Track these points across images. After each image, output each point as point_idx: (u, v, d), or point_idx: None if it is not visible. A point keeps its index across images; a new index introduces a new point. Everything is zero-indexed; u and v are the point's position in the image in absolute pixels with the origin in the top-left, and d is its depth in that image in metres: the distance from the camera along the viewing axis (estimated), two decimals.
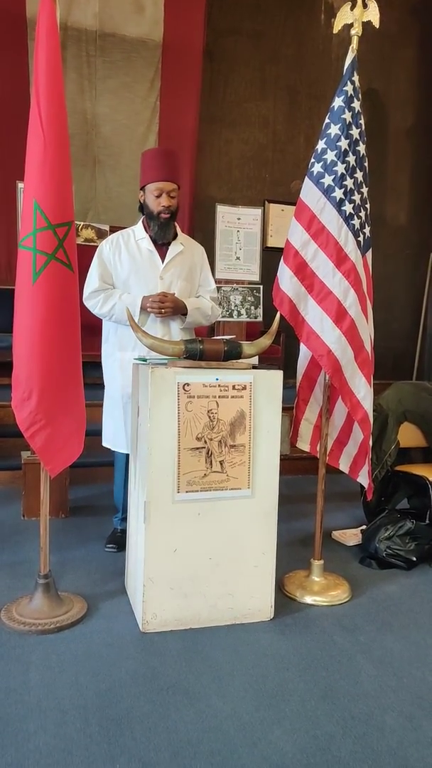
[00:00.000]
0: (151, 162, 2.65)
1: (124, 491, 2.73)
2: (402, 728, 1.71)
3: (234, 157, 5.86)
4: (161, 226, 2.63)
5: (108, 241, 2.70)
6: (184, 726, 1.67)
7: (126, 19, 5.16)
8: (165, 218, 2.62)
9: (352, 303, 2.36)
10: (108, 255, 2.66)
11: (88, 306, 2.64)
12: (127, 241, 2.68)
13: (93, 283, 2.63)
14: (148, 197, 2.63)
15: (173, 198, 2.62)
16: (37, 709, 1.72)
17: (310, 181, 2.40)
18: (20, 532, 3.07)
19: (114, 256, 2.65)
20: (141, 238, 2.68)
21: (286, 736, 1.65)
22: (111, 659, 1.97)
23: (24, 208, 2.10)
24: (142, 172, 2.69)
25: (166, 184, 2.60)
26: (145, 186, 2.65)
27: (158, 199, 2.60)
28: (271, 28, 5.80)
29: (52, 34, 2.06)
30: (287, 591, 2.50)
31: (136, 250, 2.67)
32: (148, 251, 2.67)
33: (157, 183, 2.59)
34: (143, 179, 2.67)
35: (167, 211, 2.61)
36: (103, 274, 2.65)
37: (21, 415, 2.11)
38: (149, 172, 2.63)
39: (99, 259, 2.67)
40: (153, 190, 2.60)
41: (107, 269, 2.66)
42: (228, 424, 2.16)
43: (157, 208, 2.61)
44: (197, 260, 2.81)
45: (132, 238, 2.69)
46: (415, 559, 2.80)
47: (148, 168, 2.65)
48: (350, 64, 2.38)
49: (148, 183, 2.62)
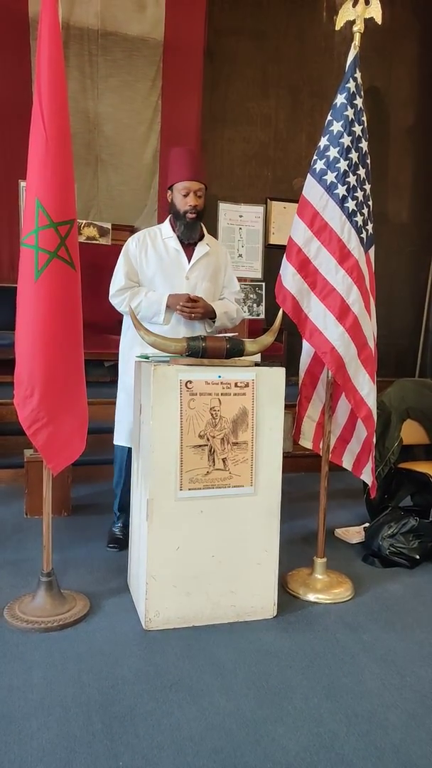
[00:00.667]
0: (179, 161, 2.64)
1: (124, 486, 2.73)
2: (405, 726, 1.70)
3: (236, 155, 5.85)
4: (188, 226, 2.63)
5: (134, 238, 2.69)
6: (187, 723, 1.67)
7: (128, 17, 5.16)
8: (192, 218, 2.61)
9: (355, 300, 2.35)
10: (134, 252, 2.65)
11: (114, 303, 2.64)
12: (154, 239, 2.67)
13: (119, 281, 2.63)
14: (176, 196, 2.63)
15: (200, 198, 2.62)
16: (40, 707, 1.72)
17: (312, 178, 2.39)
18: (23, 530, 3.08)
19: (140, 254, 2.64)
20: (168, 237, 2.67)
21: (290, 733, 1.65)
22: (114, 657, 1.97)
23: (26, 207, 2.10)
24: (170, 171, 2.68)
25: (193, 183, 2.59)
26: (173, 185, 2.64)
27: (186, 198, 2.59)
28: (273, 26, 5.79)
29: (55, 32, 2.06)
30: (290, 589, 2.50)
31: (163, 248, 2.66)
32: (174, 251, 2.66)
33: (185, 182, 2.59)
34: (171, 178, 2.66)
35: (194, 210, 2.60)
36: (129, 272, 2.64)
37: (23, 412, 2.11)
38: (177, 171, 2.63)
39: (125, 257, 2.65)
40: (181, 189, 2.60)
41: (133, 267, 2.65)
42: (230, 421, 2.16)
43: (184, 208, 2.60)
44: (222, 261, 2.81)
45: (159, 237, 2.68)
46: (419, 557, 2.79)
47: (176, 167, 2.64)
48: (352, 61, 2.37)
49: (176, 182, 2.62)
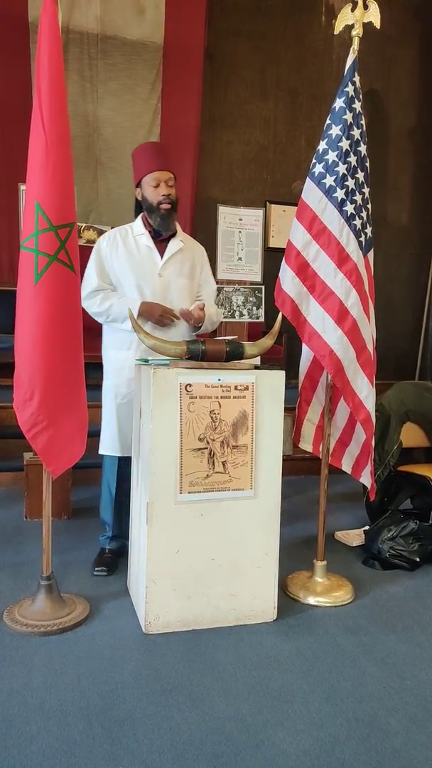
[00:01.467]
0: (144, 155, 2.60)
1: (114, 505, 2.67)
2: (406, 730, 1.70)
3: (235, 158, 5.86)
4: (163, 217, 2.56)
5: (105, 237, 2.63)
6: (187, 727, 1.67)
7: (127, 21, 5.18)
8: (166, 208, 2.55)
9: (354, 303, 2.36)
10: (105, 251, 2.59)
11: (85, 306, 2.55)
12: (125, 237, 2.60)
13: (92, 282, 2.56)
14: (146, 190, 2.57)
15: (171, 187, 2.57)
16: (39, 710, 1.72)
17: (311, 182, 2.40)
18: (22, 534, 3.07)
19: (111, 253, 2.58)
20: (139, 234, 2.61)
21: (290, 737, 1.65)
22: (114, 661, 1.97)
23: (26, 210, 2.11)
24: (135, 168, 2.63)
25: (162, 173, 2.54)
26: (141, 180, 2.58)
27: (157, 189, 2.54)
28: (272, 30, 5.81)
29: (54, 36, 2.06)
30: (290, 592, 2.49)
31: (134, 246, 2.59)
32: (146, 247, 2.60)
33: (153, 173, 2.54)
34: (138, 174, 2.61)
35: (168, 200, 2.54)
36: (101, 272, 2.59)
37: (23, 416, 2.11)
38: (143, 164, 2.58)
39: (96, 257, 2.60)
40: (150, 182, 2.55)
41: (104, 268, 2.59)
42: (230, 424, 2.16)
43: (157, 198, 2.54)
44: (198, 259, 2.75)
45: (130, 234, 2.62)
46: (419, 559, 2.79)
47: (142, 161, 2.59)
48: (351, 65, 2.38)
49: (144, 176, 2.57)
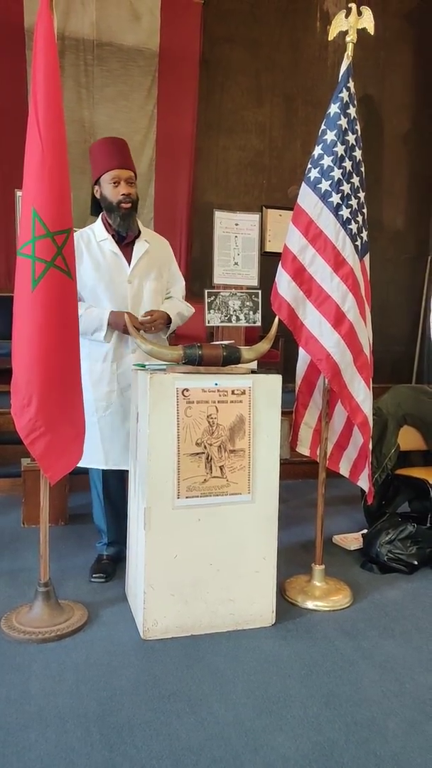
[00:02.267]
0: (102, 151, 2.50)
1: (106, 513, 2.66)
2: (405, 733, 1.70)
3: (231, 163, 5.88)
4: (123, 217, 2.47)
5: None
6: (185, 733, 1.66)
7: (123, 28, 5.20)
8: (126, 208, 2.46)
9: (351, 307, 2.37)
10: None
11: None
12: (88, 244, 2.50)
13: None
14: (105, 188, 2.48)
15: (132, 186, 2.48)
16: (37, 718, 1.71)
17: (307, 187, 2.41)
18: (20, 540, 3.06)
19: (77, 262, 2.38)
20: (103, 239, 2.51)
21: (289, 742, 1.64)
22: (112, 667, 1.97)
23: (22, 216, 2.11)
24: (93, 164, 2.54)
25: (122, 171, 2.45)
26: (99, 178, 2.49)
27: (117, 188, 2.45)
28: (267, 36, 5.84)
29: (50, 43, 2.07)
30: (288, 596, 2.49)
31: (99, 254, 2.50)
32: (112, 254, 2.51)
33: (112, 171, 2.45)
34: (96, 171, 2.50)
35: (128, 199, 2.46)
36: None
37: (21, 422, 2.11)
38: (102, 161, 2.48)
39: None
40: (109, 180, 2.45)
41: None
42: (227, 429, 2.16)
43: (116, 198, 2.45)
44: (165, 256, 2.67)
45: (93, 240, 2.51)
46: (417, 563, 2.79)
47: (100, 158, 2.50)
48: (345, 70, 2.39)
49: (102, 173, 2.47)
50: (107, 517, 2.67)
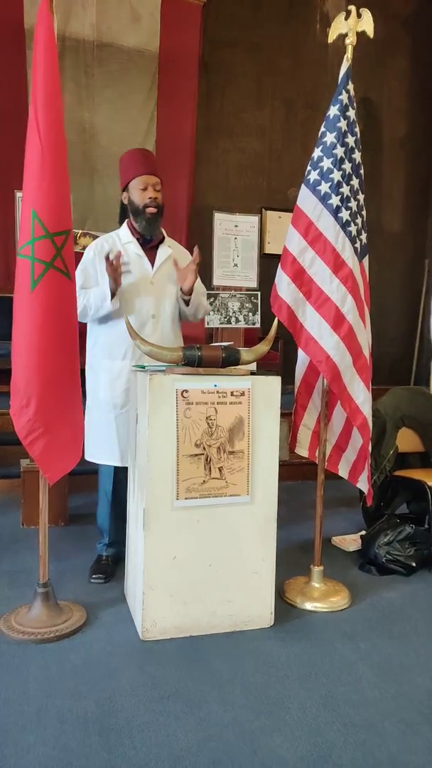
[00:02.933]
0: (132, 159, 2.62)
1: (111, 513, 2.66)
2: (403, 735, 1.70)
3: (231, 165, 5.89)
4: (149, 221, 2.56)
5: (92, 247, 2.60)
6: (184, 734, 1.66)
7: (123, 29, 5.20)
8: (152, 212, 2.56)
9: (350, 309, 2.37)
10: (93, 260, 2.56)
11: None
12: (113, 246, 2.58)
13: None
14: (133, 193, 2.57)
15: (158, 192, 2.58)
16: (36, 719, 1.71)
17: (306, 189, 2.42)
18: (19, 541, 3.06)
19: (99, 261, 2.52)
20: (128, 242, 2.59)
21: (287, 743, 1.64)
22: (111, 668, 1.96)
23: (22, 217, 2.12)
24: (122, 172, 2.64)
25: (150, 177, 2.56)
26: (128, 184, 2.59)
27: (144, 192, 2.54)
28: (267, 39, 5.85)
29: (50, 44, 2.08)
30: (287, 597, 2.49)
31: (123, 255, 2.55)
32: (136, 255, 2.58)
33: (141, 177, 2.56)
34: (125, 178, 2.61)
35: (154, 203, 2.54)
36: (85, 283, 2.54)
37: (19, 422, 2.11)
38: (131, 168, 2.60)
39: (82, 268, 2.56)
40: (137, 185, 2.55)
41: (89, 280, 2.55)
42: (227, 430, 2.16)
43: (144, 201, 2.54)
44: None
45: (118, 243, 2.60)
46: (415, 564, 2.79)
47: (129, 165, 2.61)
48: (345, 73, 2.40)
49: (131, 179, 2.57)
50: (112, 516, 2.68)
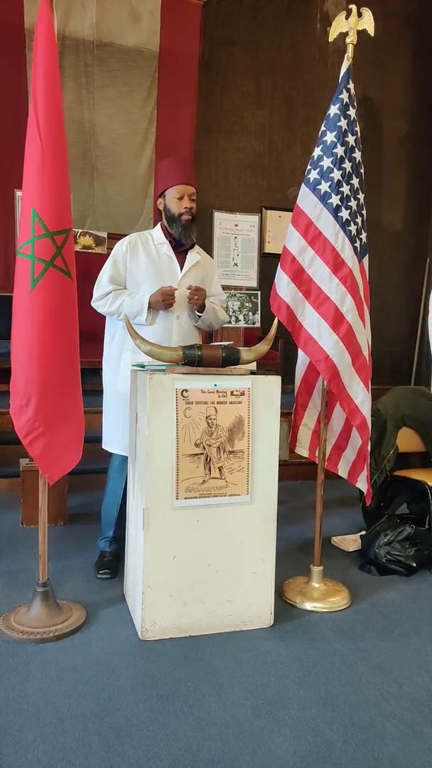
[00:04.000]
0: (171, 167, 2.69)
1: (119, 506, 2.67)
2: (403, 735, 1.70)
3: (231, 165, 5.89)
4: (185, 227, 2.64)
5: (125, 241, 2.66)
6: (183, 734, 1.66)
7: (123, 29, 5.20)
8: (187, 219, 2.63)
9: (349, 308, 2.37)
10: (124, 255, 2.62)
11: (95, 306, 2.61)
12: (145, 244, 2.65)
13: (104, 285, 2.60)
14: (170, 201, 2.64)
15: (194, 201, 2.65)
16: (35, 718, 1.71)
17: (306, 188, 2.41)
18: (18, 540, 3.06)
19: (131, 257, 2.62)
20: (160, 243, 2.66)
21: (287, 743, 1.64)
22: (110, 667, 1.96)
23: (22, 216, 2.11)
24: (159, 178, 2.71)
25: (187, 187, 2.63)
26: (165, 191, 2.66)
27: (181, 201, 2.61)
28: (267, 38, 5.85)
29: (50, 43, 2.08)
30: (287, 597, 2.49)
31: (155, 253, 2.64)
32: (167, 256, 2.65)
33: (178, 186, 2.62)
34: (162, 184, 2.68)
35: (189, 213, 2.63)
36: (114, 275, 2.61)
37: (19, 422, 2.11)
38: (170, 176, 2.66)
39: (113, 260, 2.63)
40: (175, 194, 2.62)
41: (119, 271, 2.62)
42: (226, 430, 2.16)
43: (179, 210, 2.61)
44: (209, 271, 2.83)
45: (151, 242, 2.67)
46: (415, 564, 2.79)
47: (168, 173, 2.68)
48: (345, 72, 2.40)
49: (169, 187, 2.64)
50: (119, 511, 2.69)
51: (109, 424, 2.70)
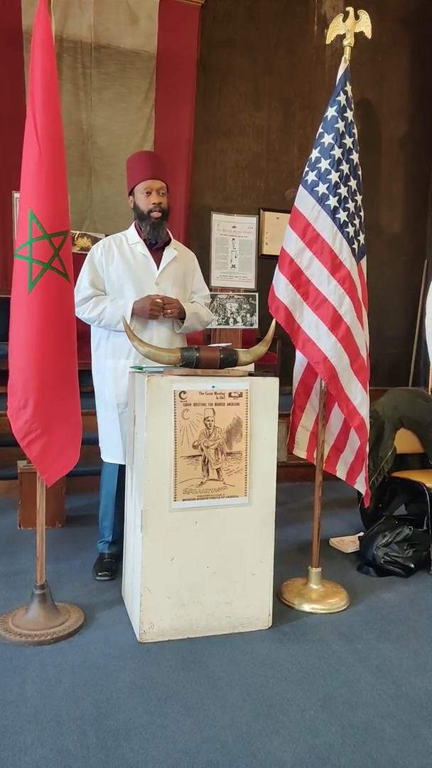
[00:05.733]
0: (137, 163, 2.64)
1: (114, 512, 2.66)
2: (401, 737, 1.70)
3: (229, 166, 5.89)
4: (153, 226, 2.59)
5: (99, 245, 2.63)
6: (182, 736, 1.66)
7: (121, 31, 5.20)
8: (156, 217, 2.58)
9: (348, 310, 2.37)
10: (100, 260, 2.59)
11: (76, 312, 2.54)
12: (120, 246, 2.61)
13: (84, 289, 2.56)
14: (138, 198, 2.60)
15: (163, 196, 2.60)
16: (34, 721, 1.70)
17: (304, 190, 2.42)
18: (16, 542, 3.06)
19: (106, 261, 2.58)
20: (134, 243, 2.62)
21: (285, 745, 1.64)
22: (108, 670, 1.96)
23: (20, 218, 2.11)
24: (128, 176, 2.66)
25: (154, 182, 2.57)
26: (133, 188, 2.63)
27: (148, 197, 2.57)
28: (265, 40, 5.86)
29: (48, 45, 2.08)
30: (285, 599, 2.49)
31: (130, 254, 2.60)
32: (142, 256, 2.61)
33: (145, 182, 2.57)
34: (130, 182, 2.65)
35: (158, 208, 2.57)
36: (94, 279, 2.59)
37: (17, 424, 2.10)
38: (136, 173, 2.62)
39: (90, 265, 2.60)
40: (142, 190, 2.58)
41: (99, 275, 2.59)
42: (224, 431, 2.16)
43: (147, 207, 2.57)
44: (190, 266, 2.78)
45: (125, 243, 2.63)
46: (413, 565, 2.79)
47: (135, 169, 2.63)
48: (343, 74, 2.40)
49: (136, 184, 2.61)
50: (115, 515, 2.68)
51: (100, 431, 2.68)
